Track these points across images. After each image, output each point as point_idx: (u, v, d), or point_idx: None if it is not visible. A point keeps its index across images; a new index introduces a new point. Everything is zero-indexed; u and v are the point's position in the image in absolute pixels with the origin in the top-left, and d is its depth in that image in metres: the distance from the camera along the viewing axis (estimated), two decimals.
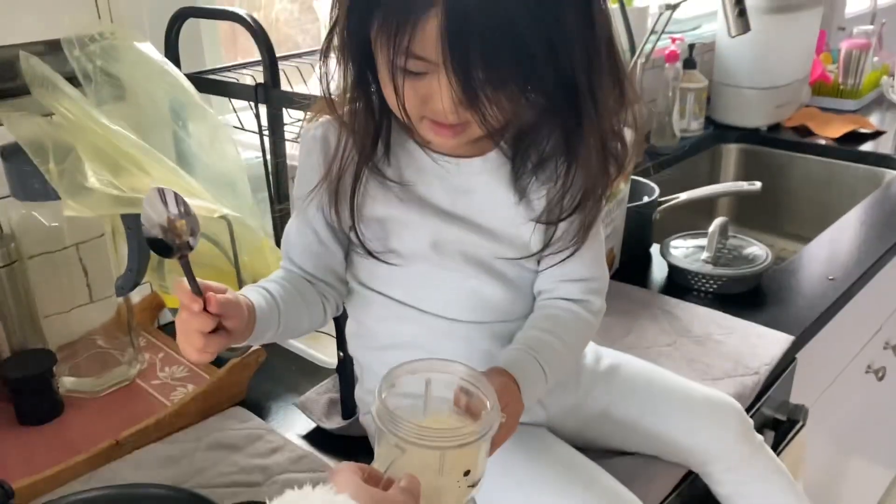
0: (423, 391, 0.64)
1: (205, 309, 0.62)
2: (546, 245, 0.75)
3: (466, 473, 0.60)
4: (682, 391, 0.85)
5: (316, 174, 0.73)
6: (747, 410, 0.98)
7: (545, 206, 0.73)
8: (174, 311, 1.10)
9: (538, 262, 0.77)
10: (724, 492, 0.86)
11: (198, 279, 0.63)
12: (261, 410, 0.97)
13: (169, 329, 1.12)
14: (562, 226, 0.73)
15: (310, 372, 1.03)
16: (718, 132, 1.97)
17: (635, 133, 0.70)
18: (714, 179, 2.00)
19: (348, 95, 0.69)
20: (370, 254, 0.74)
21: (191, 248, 0.62)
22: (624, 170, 0.71)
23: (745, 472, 0.85)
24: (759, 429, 1.06)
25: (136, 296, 1.10)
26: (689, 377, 0.89)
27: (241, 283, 0.88)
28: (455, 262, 0.74)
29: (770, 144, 1.95)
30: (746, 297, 1.19)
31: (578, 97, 0.64)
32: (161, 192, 0.61)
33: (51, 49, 0.94)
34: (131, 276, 0.91)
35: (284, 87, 0.94)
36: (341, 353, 0.90)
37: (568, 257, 0.75)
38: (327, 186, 0.72)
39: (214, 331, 0.63)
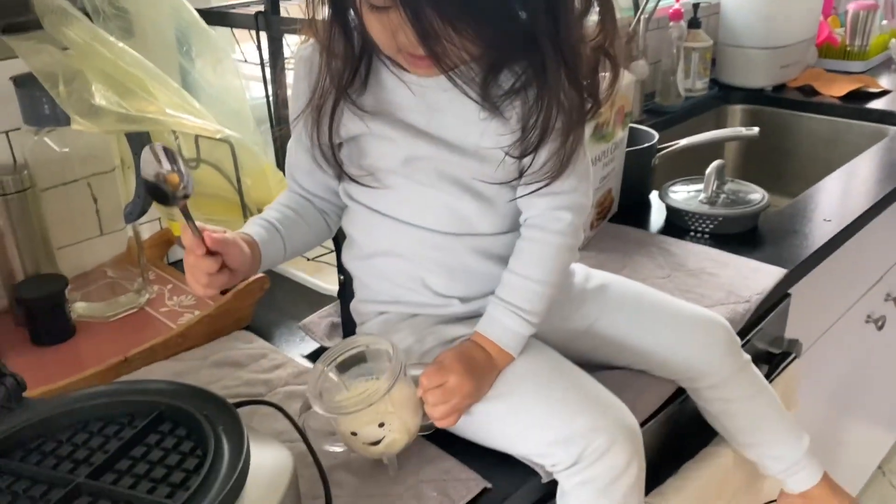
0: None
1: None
2: (519, 175, 0.76)
3: (382, 425, 0.72)
4: (670, 308, 0.87)
5: (304, 96, 0.76)
6: (739, 338, 1.01)
7: (518, 138, 0.73)
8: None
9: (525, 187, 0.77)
10: (713, 410, 0.89)
11: (197, 222, 0.70)
12: (265, 335, 1.00)
13: (178, 265, 1.16)
14: (537, 158, 0.74)
15: (312, 301, 1.06)
16: (723, 92, 1.98)
17: (613, 67, 0.72)
18: (718, 142, 2.00)
19: (329, 22, 0.72)
20: (349, 177, 0.78)
21: (186, 197, 0.69)
22: (600, 105, 0.73)
23: (731, 389, 0.87)
24: (753, 361, 1.09)
25: (146, 232, 1.14)
26: None
27: (244, 207, 0.91)
28: (429, 178, 0.76)
29: (774, 104, 1.96)
30: (743, 237, 1.21)
31: (536, 33, 0.66)
32: (153, 150, 0.67)
33: None
34: (139, 202, 0.95)
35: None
36: (342, 277, 0.94)
37: (541, 188, 0.76)
38: (311, 110, 0.75)
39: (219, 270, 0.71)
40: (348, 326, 0.96)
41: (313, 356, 0.96)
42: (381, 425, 0.72)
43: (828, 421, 1.55)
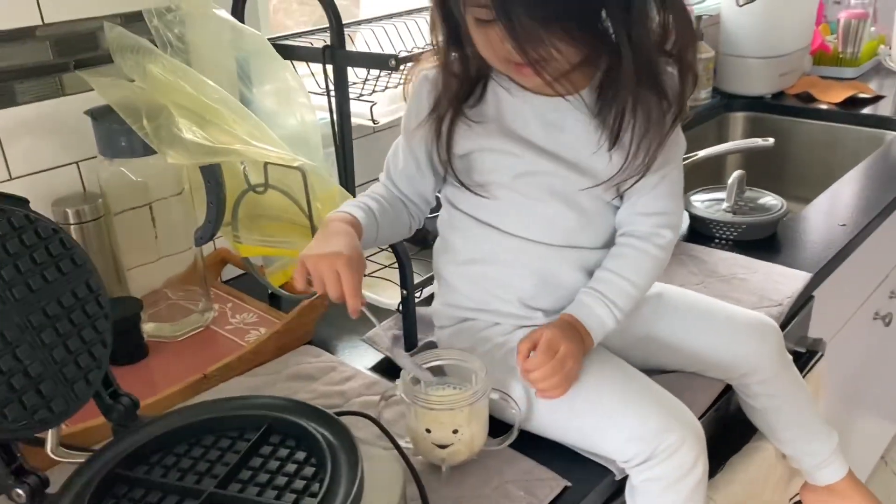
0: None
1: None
2: (616, 173, 0.82)
3: (455, 432, 0.77)
4: (724, 311, 0.94)
5: (425, 108, 0.83)
6: None
7: (626, 162, 0.81)
8: (245, 264, 1.18)
9: (619, 197, 0.85)
10: (758, 406, 0.96)
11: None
12: (328, 349, 1.05)
13: (232, 283, 1.21)
14: (629, 156, 0.81)
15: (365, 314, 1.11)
16: (725, 101, 2.05)
17: (687, 67, 0.78)
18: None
19: (445, 46, 0.80)
20: (463, 185, 0.84)
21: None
22: (681, 101, 0.80)
23: (778, 385, 0.94)
24: None
25: (203, 251, 1.19)
26: None
27: (313, 230, 0.96)
28: (539, 192, 0.84)
29: (774, 111, 2.04)
30: (764, 243, 1.28)
31: (618, 37, 0.74)
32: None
33: (126, 20, 1.02)
34: (210, 226, 1.00)
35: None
36: (405, 292, 0.99)
37: (635, 183, 0.83)
38: (432, 124, 0.82)
39: None
40: (410, 338, 1.01)
41: (378, 368, 1.01)
42: (455, 432, 0.78)
43: (836, 414, 1.63)
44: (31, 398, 0.66)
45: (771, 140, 1.45)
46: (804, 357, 1.18)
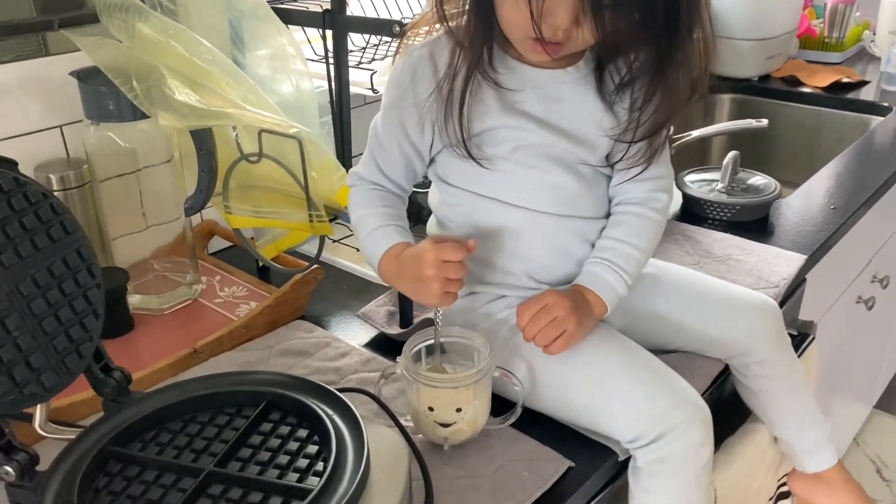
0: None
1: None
2: (620, 160, 0.84)
3: (458, 410, 0.76)
4: (724, 289, 0.93)
5: (424, 88, 0.80)
6: None
7: (624, 125, 0.81)
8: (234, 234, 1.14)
9: (611, 167, 0.86)
10: (755, 387, 0.95)
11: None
12: (321, 324, 1.03)
13: (220, 256, 1.17)
14: (635, 145, 0.82)
15: (360, 290, 1.09)
16: (712, 82, 2.04)
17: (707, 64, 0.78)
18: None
19: (464, 10, 0.77)
20: (471, 157, 0.81)
21: None
22: (701, 94, 0.79)
23: (776, 367, 0.93)
24: None
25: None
26: None
27: (309, 200, 0.93)
28: (538, 160, 0.82)
29: (761, 94, 2.03)
30: (756, 224, 1.28)
31: (679, 23, 0.72)
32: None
33: None
34: (201, 196, 0.96)
35: None
36: None
37: (638, 174, 0.84)
38: (437, 99, 0.79)
39: None
40: (406, 314, 0.99)
41: (373, 344, 0.99)
42: (458, 410, 0.76)
43: (818, 395, 1.64)
44: (20, 371, 0.63)
45: (765, 121, 1.44)
46: (796, 340, 1.17)
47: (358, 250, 1.13)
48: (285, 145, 0.93)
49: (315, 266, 1.02)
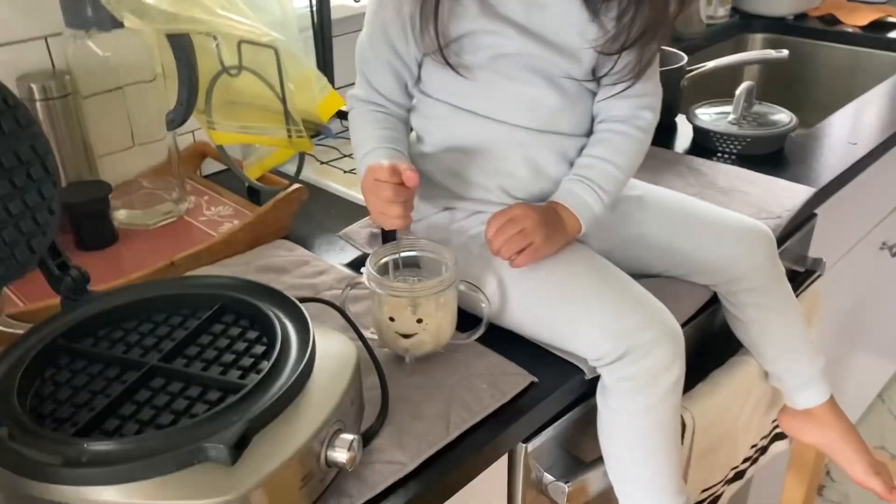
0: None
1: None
2: (606, 74, 0.81)
3: (419, 321, 0.74)
4: (714, 212, 0.90)
5: None
6: None
7: (610, 36, 0.78)
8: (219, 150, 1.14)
9: (596, 82, 0.82)
10: (744, 317, 0.91)
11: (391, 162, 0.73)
12: (304, 244, 1.01)
13: (213, 178, 1.17)
14: (623, 58, 0.79)
15: (346, 213, 1.08)
16: (744, 21, 1.96)
17: None
18: (738, 68, 1.99)
19: None
20: (448, 64, 0.78)
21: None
22: (684, 7, 0.75)
23: (767, 297, 0.89)
24: None
25: (181, 144, 1.14)
26: None
27: (287, 114, 0.91)
28: (519, 72, 0.79)
29: (795, 33, 1.94)
30: (770, 158, 1.22)
31: None
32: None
33: None
34: (181, 109, 0.95)
35: None
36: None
37: (624, 91, 0.81)
38: (415, 1, 0.76)
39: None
40: (387, 236, 0.97)
41: (353, 265, 0.97)
42: (420, 321, 0.74)
43: (835, 345, 1.59)
44: None
45: (785, 52, 1.37)
46: (801, 276, 1.13)
47: (346, 172, 1.11)
48: (263, 56, 0.91)
49: (298, 186, 1.00)
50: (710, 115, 1.29)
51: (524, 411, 0.75)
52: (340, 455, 0.60)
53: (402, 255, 0.78)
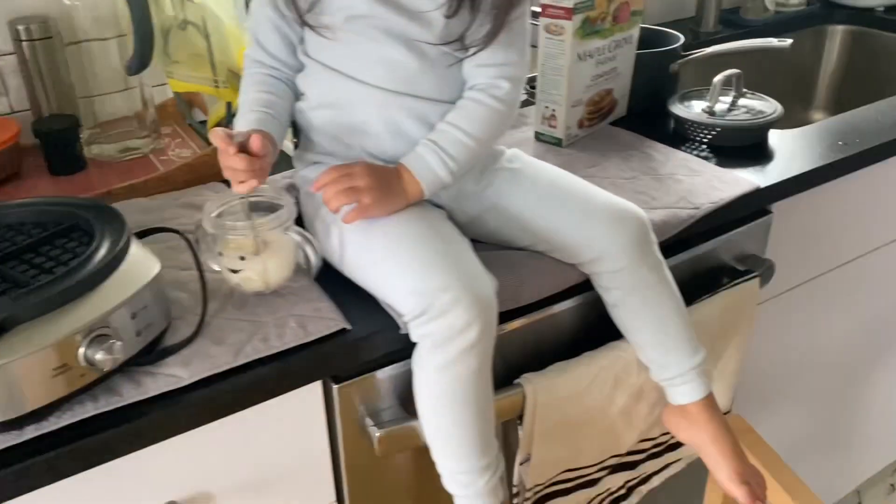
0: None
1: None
2: (457, 40, 0.82)
3: (242, 259, 0.80)
4: (585, 192, 0.89)
5: None
6: (679, 243, 1.00)
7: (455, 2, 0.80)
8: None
9: (464, 49, 0.84)
10: (610, 299, 0.90)
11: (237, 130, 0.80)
12: None
13: (202, 126, 1.29)
14: (475, 24, 0.81)
15: (286, 163, 1.15)
16: (824, 10, 1.82)
17: None
18: (814, 64, 1.86)
19: None
20: (308, 25, 0.84)
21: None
22: None
23: (632, 280, 0.87)
24: (716, 275, 1.07)
25: (168, 93, 1.27)
26: None
27: (213, 65, 1.00)
28: (375, 34, 0.82)
29: (887, 27, 1.77)
30: (746, 151, 1.16)
31: None
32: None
33: None
34: (136, 59, 1.07)
35: None
36: (294, 140, 1.02)
37: (484, 60, 0.83)
38: None
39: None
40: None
41: None
42: (242, 259, 0.81)
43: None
44: None
45: (788, 41, 1.28)
46: (740, 275, 1.07)
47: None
48: (206, 12, 1.00)
49: None
50: (701, 102, 1.23)
51: (332, 357, 0.80)
52: (98, 355, 0.68)
53: (247, 199, 0.84)
